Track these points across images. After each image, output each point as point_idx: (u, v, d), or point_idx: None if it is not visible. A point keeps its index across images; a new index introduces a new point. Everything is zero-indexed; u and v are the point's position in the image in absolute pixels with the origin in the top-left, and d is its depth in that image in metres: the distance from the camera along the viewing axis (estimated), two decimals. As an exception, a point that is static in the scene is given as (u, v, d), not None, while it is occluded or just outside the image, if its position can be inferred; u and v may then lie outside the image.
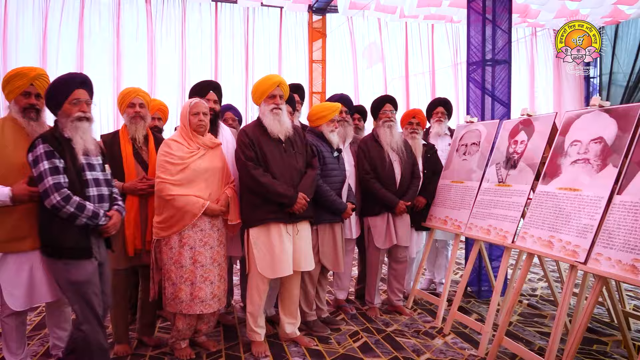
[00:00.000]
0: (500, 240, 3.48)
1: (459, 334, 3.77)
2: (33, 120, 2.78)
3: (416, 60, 11.28)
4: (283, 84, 3.45)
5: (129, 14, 9.78)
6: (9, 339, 2.88)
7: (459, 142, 4.48)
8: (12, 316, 2.83)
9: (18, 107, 2.78)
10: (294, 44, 10.77)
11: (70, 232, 2.56)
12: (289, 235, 3.36)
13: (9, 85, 2.78)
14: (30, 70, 2.82)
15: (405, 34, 11.17)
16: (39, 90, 2.81)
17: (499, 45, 4.69)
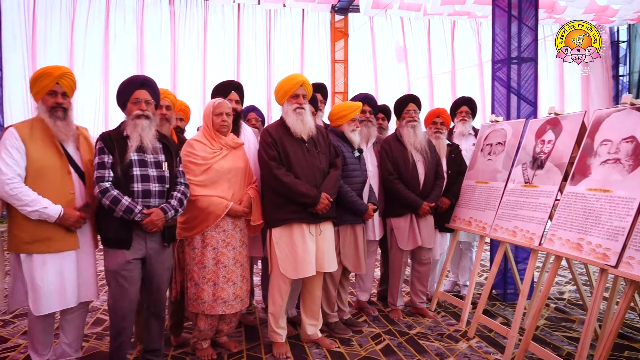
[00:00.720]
0: (526, 242, 3.40)
1: (484, 337, 3.70)
2: (60, 119, 2.76)
3: (439, 60, 11.17)
4: (306, 83, 3.44)
5: (153, 16, 9.92)
6: (36, 340, 2.85)
7: (483, 141, 4.40)
8: (40, 318, 2.78)
9: (45, 107, 2.76)
10: (316, 44, 10.77)
11: (112, 223, 2.77)
12: (312, 236, 3.34)
13: (35, 85, 2.77)
14: (55, 69, 2.79)
15: (428, 32, 11.05)
16: (65, 89, 2.80)
17: (525, 42, 4.59)
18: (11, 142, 2.64)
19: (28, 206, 2.60)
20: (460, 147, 4.56)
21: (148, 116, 2.87)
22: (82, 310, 2.99)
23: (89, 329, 3.84)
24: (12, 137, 2.65)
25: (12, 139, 2.65)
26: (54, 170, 2.72)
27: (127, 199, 2.73)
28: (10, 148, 2.62)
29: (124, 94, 2.92)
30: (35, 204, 2.61)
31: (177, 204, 2.91)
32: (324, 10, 10.61)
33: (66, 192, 2.74)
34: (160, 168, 2.90)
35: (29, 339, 2.92)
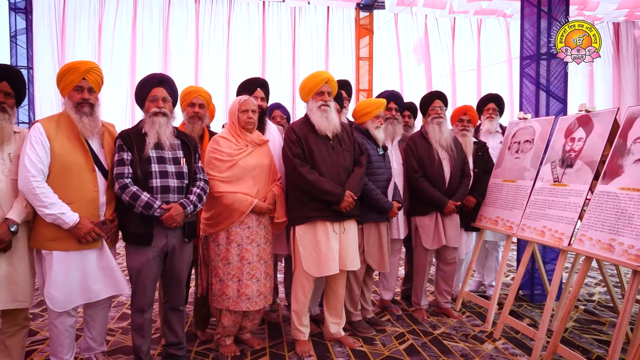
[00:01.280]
0: (555, 242, 3.32)
1: (510, 339, 3.63)
2: (86, 115, 2.74)
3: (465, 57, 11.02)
4: (331, 80, 3.42)
5: (179, 14, 10.02)
6: (58, 343, 2.81)
7: (511, 139, 4.32)
8: (60, 319, 2.77)
9: (72, 103, 2.74)
10: (340, 41, 10.73)
11: (132, 219, 2.81)
12: (336, 234, 3.32)
13: (62, 80, 2.77)
14: (82, 64, 2.78)
15: (453, 29, 10.91)
16: (92, 85, 2.79)
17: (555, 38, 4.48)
18: (36, 138, 2.63)
19: (46, 208, 2.58)
20: (487, 144, 4.49)
21: (165, 113, 2.90)
22: (105, 306, 3.00)
23: (114, 324, 3.91)
24: (37, 132, 2.65)
25: (37, 135, 2.64)
26: (78, 167, 2.71)
27: (146, 195, 2.76)
28: (36, 144, 2.61)
29: (142, 92, 2.96)
30: (53, 207, 2.59)
31: (196, 199, 2.93)
32: (349, 7, 10.56)
33: (89, 190, 2.73)
34: (179, 164, 2.92)
35: (49, 343, 2.90)
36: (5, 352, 2.74)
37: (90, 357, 3.01)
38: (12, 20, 9.58)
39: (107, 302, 3.00)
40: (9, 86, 2.63)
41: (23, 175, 2.58)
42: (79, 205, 2.68)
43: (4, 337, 2.75)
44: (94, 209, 2.74)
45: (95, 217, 2.73)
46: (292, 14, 10.46)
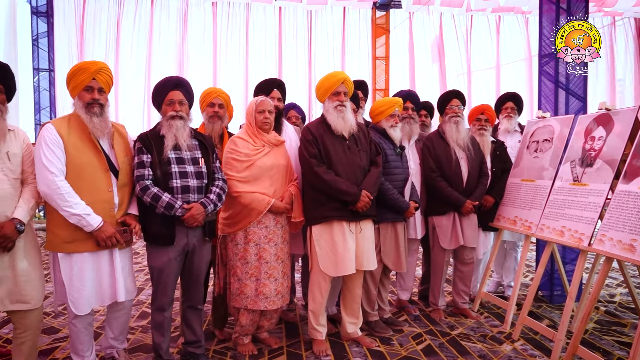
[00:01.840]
0: (575, 242, 3.28)
1: (529, 340, 3.60)
2: (96, 115, 2.71)
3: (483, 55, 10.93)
4: (347, 80, 3.42)
5: (196, 17, 10.11)
6: (77, 341, 2.84)
7: (529, 138, 4.28)
8: (79, 318, 2.78)
9: (82, 103, 2.71)
10: (357, 41, 10.74)
11: (154, 219, 2.84)
12: (352, 234, 3.32)
13: (72, 81, 2.74)
14: (92, 64, 2.75)
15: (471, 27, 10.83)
16: (102, 85, 2.76)
17: (574, 36, 4.43)
18: (51, 139, 2.59)
19: (71, 208, 2.56)
20: (506, 144, 4.45)
21: (182, 116, 2.92)
22: (128, 308, 3.01)
23: (134, 322, 3.96)
24: (50, 133, 2.61)
25: (51, 135, 2.61)
26: (92, 167, 2.68)
27: (167, 196, 2.79)
28: (51, 144, 2.58)
29: (159, 96, 2.98)
30: (79, 207, 2.58)
31: (216, 198, 2.96)
32: (365, 6, 10.55)
33: (104, 190, 2.71)
34: (198, 164, 2.95)
35: (70, 342, 2.92)
36: (20, 355, 2.72)
37: (111, 353, 3.06)
38: (34, 24, 9.77)
39: (128, 306, 3.00)
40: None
41: (44, 177, 2.56)
42: (96, 206, 2.65)
43: (17, 341, 2.71)
44: (110, 209, 2.73)
45: (111, 218, 2.72)
46: (308, 15, 10.50)
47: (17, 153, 2.63)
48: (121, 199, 2.80)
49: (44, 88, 9.91)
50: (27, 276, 2.63)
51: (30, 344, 2.74)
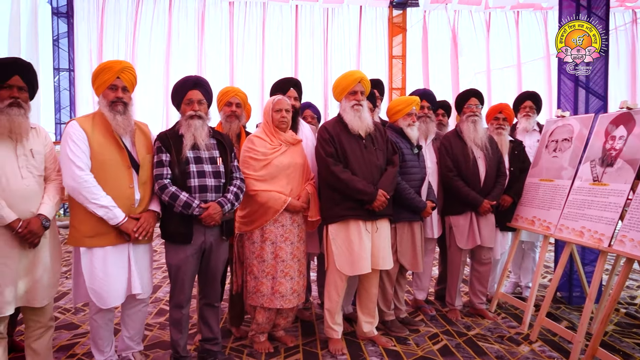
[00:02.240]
0: (595, 243, 3.24)
1: (547, 341, 3.56)
2: (120, 113, 2.76)
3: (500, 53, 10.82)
4: (364, 80, 3.42)
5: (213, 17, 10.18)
6: (97, 337, 2.88)
7: (548, 137, 4.23)
8: (100, 313, 2.83)
9: (106, 101, 2.77)
10: (373, 40, 10.72)
11: (173, 218, 2.88)
12: (368, 233, 3.32)
13: (97, 79, 2.80)
14: (117, 63, 2.81)
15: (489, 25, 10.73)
16: (126, 83, 2.82)
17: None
18: (76, 134, 2.66)
19: (98, 200, 2.62)
20: (524, 143, 4.40)
21: (200, 116, 2.94)
22: (144, 305, 3.04)
23: (152, 319, 4.01)
24: (75, 129, 2.68)
25: (76, 132, 2.67)
26: (114, 164, 2.73)
27: (185, 195, 2.82)
28: (77, 140, 2.65)
29: (178, 95, 3.02)
30: (105, 200, 2.64)
31: (233, 197, 2.98)
32: (382, 5, 10.51)
33: (125, 187, 2.76)
34: (215, 164, 2.98)
35: (90, 337, 2.96)
36: (34, 356, 2.74)
37: (127, 356, 3.07)
38: (55, 24, 9.92)
39: (144, 302, 3.04)
40: (22, 80, 2.59)
41: (71, 172, 2.62)
42: (117, 202, 2.70)
43: (30, 341, 2.74)
44: (130, 205, 2.78)
45: (132, 214, 2.79)
46: (324, 14, 10.49)
47: (40, 150, 2.68)
48: (142, 196, 2.84)
49: (64, 87, 10.06)
50: (49, 272, 2.68)
51: (46, 340, 2.78)
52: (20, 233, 2.48)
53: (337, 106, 3.52)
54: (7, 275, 2.49)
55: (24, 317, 2.71)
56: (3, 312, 2.49)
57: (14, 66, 2.58)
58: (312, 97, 9.95)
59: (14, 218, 2.47)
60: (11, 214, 2.46)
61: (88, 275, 2.72)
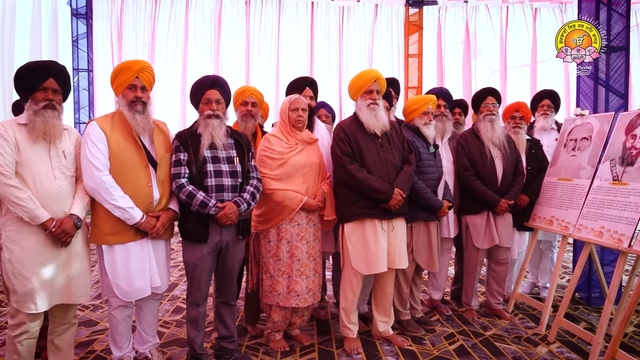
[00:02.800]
0: (614, 243, 3.19)
1: (566, 343, 3.52)
2: (139, 113, 2.80)
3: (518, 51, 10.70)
4: (380, 78, 3.41)
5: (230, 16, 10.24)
6: (116, 332, 2.93)
7: (567, 136, 4.17)
8: (119, 309, 2.89)
9: (125, 101, 2.81)
10: (389, 38, 10.67)
11: (190, 217, 2.91)
12: (384, 232, 3.31)
13: (116, 79, 2.83)
14: (135, 63, 2.85)
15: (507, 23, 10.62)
16: (145, 83, 2.85)
17: (615, 30, 4.29)
18: (95, 135, 2.70)
19: (115, 201, 2.66)
20: (542, 142, 4.35)
21: (218, 116, 2.96)
22: (156, 299, 3.09)
23: (169, 317, 4.05)
24: (94, 130, 2.72)
25: (95, 132, 2.71)
26: (132, 162, 2.77)
27: (202, 194, 2.84)
28: (96, 141, 2.69)
29: (196, 94, 3.04)
30: (122, 201, 2.68)
31: (250, 197, 2.99)
32: (398, 3, 10.47)
33: (144, 185, 2.79)
34: (232, 163, 3.00)
35: (109, 333, 3.01)
36: (56, 352, 2.80)
37: (144, 352, 3.11)
38: (74, 25, 10.05)
39: (158, 295, 3.08)
40: (56, 83, 2.64)
41: (90, 172, 2.67)
42: (136, 200, 2.75)
43: (53, 337, 2.78)
44: (149, 203, 2.82)
45: (151, 212, 2.83)
46: (340, 13, 10.49)
47: (72, 151, 2.74)
48: (161, 194, 2.88)
49: (83, 88, 10.19)
50: (81, 270, 2.74)
51: (69, 336, 2.83)
52: (54, 232, 2.53)
53: (352, 105, 3.51)
54: (42, 273, 2.55)
55: (50, 314, 2.76)
56: (41, 308, 2.56)
57: (49, 69, 2.65)
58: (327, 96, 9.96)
59: (47, 217, 2.52)
60: (45, 214, 2.52)
61: (111, 271, 2.78)
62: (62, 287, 2.65)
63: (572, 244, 4.73)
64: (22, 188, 2.48)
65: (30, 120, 2.56)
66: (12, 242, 2.53)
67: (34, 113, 2.56)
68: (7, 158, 2.48)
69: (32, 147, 2.56)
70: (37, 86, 2.59)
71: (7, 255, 2.53)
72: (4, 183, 2.45)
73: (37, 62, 2.69)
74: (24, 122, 2.57)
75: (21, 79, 2.62)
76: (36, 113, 2.55)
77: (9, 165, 2.48)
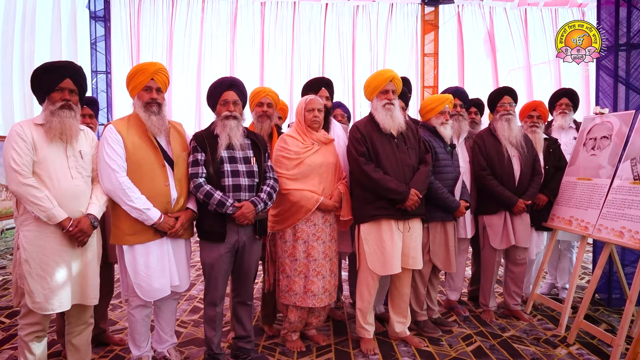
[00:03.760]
0: (635, 244, 3.14)
1: (585, 344, 3.47)
2: (155, 114, 2.84)
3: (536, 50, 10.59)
4: (396, 78, 3.40)
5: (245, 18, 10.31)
6: (135, 331, 2.96)
7: (586, 135, 4.11)
8: (139, 308, 2.92)
9: (141, 103, 2.85)
10: (404, 37, 10.65)
11: (208, 216, 2.94)
12: (400, 232, 3.30)
13: (132, 81, 2.88)
14: (151, 65, 2.90)
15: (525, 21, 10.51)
16: (159, 85, 2.89)
17: (635, 27, 4.22)
18: (112, 137, 2.75)
19: (133, 202, 2.70)
20: (560, 141, 4.30)
21: (236, 116, 3.00)
22: (175, 298, 3.11)
23: (186, 316, 4.08)
24: (111, 133, 2.77)
25: (112, 135, 2.76)
26: (149, 163, 2.81)
27: (219, 193, 2.87)
28: (113, 143, 2.74)
29: (214, 96, 3.08)
30: (139, 202, 2.72)
31: (267, 197, 3.01)
32: (414, 2, 10.42)
33: (161, 185, 2.82)
34: (249, 163, 3.02)
35: (128, 332, 3.04)
36: (74, 351, 2.82)
37: (162, 352, 3.13)
38: (92, 28, 10.19)
39: (177, 295, 3.10)
40: (73, 83, 2.67)
41: (107, 174, 2.72)
42: (154, 200, 2.79)
43: (71, 337, 2.80)
44: (167, 203, 2.85)
45: (169, 211, 2.86)
46: (354, 12, 10.48)
47: (88, 152, 2.77)
48: (179, 194, 2.91)
49: (102, 90, 10.32)
50: (96, 271, 2.77)
51: (86, 336, 2.85)
52: (71, 232, 2.56)
53: (367, 105, 3.51)
54: (59, 273, 2.58)
55: (67, 314, 2.79)
56: (57, 309, 2.58)
57: (66, 69, 2.68)
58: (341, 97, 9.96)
59: (64, 217, 2.55)
60: (62, 213, 2.54)
61: (132, 271, 2.81)
62: (78, 287, 2.67)
63: (591, 244, 4.67)
64: (39, 187, 2.51)
65: (47, 121, 2.60)
66: (30, 242, 2.55)
67: (51, 113, 2.59)
68: (25, 158, 2.51)
69: (49, 147, 2.59)
70: (53, 87, 2.62)
71: (24, 255, 2.55)
72: (21, 182, 2.48)
73: (54, 62, 2.72)
74: (41, 122, 2.61)
75: (38, 79, 2.66)
76: (53, 113, 2.59)
77: (27, 165, 2.51)
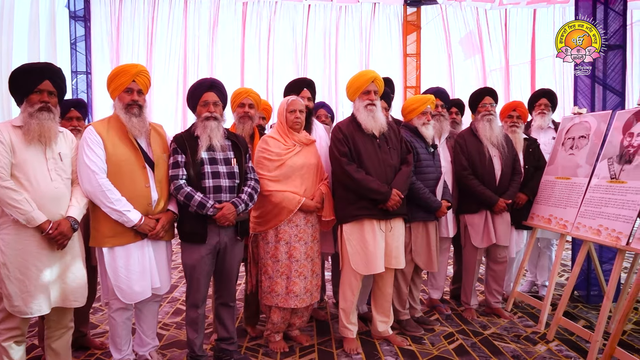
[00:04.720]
0: (612, 241, 3.20)
1: (565, 341, 3.53)
2: (135, 116, 2.82)
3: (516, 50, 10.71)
4: (378, 79, 3.41)
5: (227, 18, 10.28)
6: (116, 335, 2.93)
7: (565, 135, 4.18)
8: (119, 311, 2.89)
9: (122, 104, 2.82)
10: (386, 38, 10.67)
11: (188, 218, 2.93)
12: (382, 232, 3.32)
13: (113, 83, 2.85)
14: (132, 67, 2.88)
15: (505, 22, 10.62)
16: (141, 87, 2.88)
17: (612, 28, 4.31)
18: (91, 139, 2.72)
19: (113, 204, 2.68)
20: (539, 141, 4.36)
21: (216, 117, 2.99)
22: (156, 301, 3.09)
23: (169, 319, 4.06)
24: (91, 134, 2.74)
25: (91, 136, 2.73)
26: (130, 164, 2.79)
27: (200, 195, 2.85)
28: (92, 145, 2.71)
29: (194, 97, 3.06)
30: (119, 204, 2.70)
31: (247, 198, 3.00)
32: (396, 3, 10.46)
33: (141, 186, 2.81)
34: (230, 164, 3.01)
35: (109, 336, 3.00)
36: (54, 356, 2.78)
37: (144, 355, 3.10)
38: (72, 28, 10.04)
39: (158, 297, 3.08)
40: (52, 85, 2.64)
41: (87, 176, 2.69)
42: (134, 201, 2.77)
43: (50, 342, 2.75)
44: (147, 204, 2.83)
45: (150, 213, 2.84)
46: (337, 13, 10.49)
47: (68, 154, 2.73)
48: (160, 195, 2.89)
49: (82, 90, 10.17)
50: (78, 273, 2.72)
51: (66, 340, 2.81)
52: (51, 234, 2.53)
53: (349, 106, 3.52)
54: (38, 277, 2.54)
55: (46, 318, 2.74)
56: (36, 312, 2.54)
57: (45, 71, 2.65)
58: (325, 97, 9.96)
59: (44, 219, 2.51)
60: (41, 216, 2.51)
61: (112, 273, 2.78)
62: (58, 291, 2.63)
63: (570, 242, 4.74)
64: (18, 190, 2.47)
65: (25, 123, 2.56)
66: (8, 245, 2.51)
67: (29, 115, 2.55)
68: (3, 160, 2.47)
69: (28, 149, 2.55)
70: (32, 88, 2.59)
71: (1, 258, 2.50)
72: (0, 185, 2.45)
73: (32, 64, 2.68)
74: (19, 124, 2.57)
75: (16, 81, 2.62)
76: (31, 115, 2.55)
77: (5, 167, 2.47)
